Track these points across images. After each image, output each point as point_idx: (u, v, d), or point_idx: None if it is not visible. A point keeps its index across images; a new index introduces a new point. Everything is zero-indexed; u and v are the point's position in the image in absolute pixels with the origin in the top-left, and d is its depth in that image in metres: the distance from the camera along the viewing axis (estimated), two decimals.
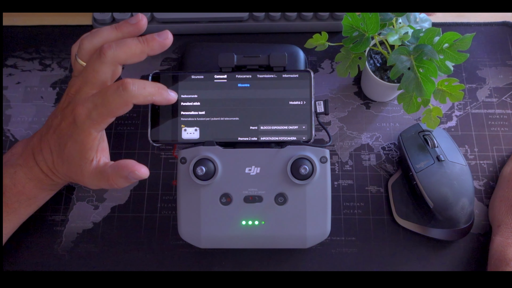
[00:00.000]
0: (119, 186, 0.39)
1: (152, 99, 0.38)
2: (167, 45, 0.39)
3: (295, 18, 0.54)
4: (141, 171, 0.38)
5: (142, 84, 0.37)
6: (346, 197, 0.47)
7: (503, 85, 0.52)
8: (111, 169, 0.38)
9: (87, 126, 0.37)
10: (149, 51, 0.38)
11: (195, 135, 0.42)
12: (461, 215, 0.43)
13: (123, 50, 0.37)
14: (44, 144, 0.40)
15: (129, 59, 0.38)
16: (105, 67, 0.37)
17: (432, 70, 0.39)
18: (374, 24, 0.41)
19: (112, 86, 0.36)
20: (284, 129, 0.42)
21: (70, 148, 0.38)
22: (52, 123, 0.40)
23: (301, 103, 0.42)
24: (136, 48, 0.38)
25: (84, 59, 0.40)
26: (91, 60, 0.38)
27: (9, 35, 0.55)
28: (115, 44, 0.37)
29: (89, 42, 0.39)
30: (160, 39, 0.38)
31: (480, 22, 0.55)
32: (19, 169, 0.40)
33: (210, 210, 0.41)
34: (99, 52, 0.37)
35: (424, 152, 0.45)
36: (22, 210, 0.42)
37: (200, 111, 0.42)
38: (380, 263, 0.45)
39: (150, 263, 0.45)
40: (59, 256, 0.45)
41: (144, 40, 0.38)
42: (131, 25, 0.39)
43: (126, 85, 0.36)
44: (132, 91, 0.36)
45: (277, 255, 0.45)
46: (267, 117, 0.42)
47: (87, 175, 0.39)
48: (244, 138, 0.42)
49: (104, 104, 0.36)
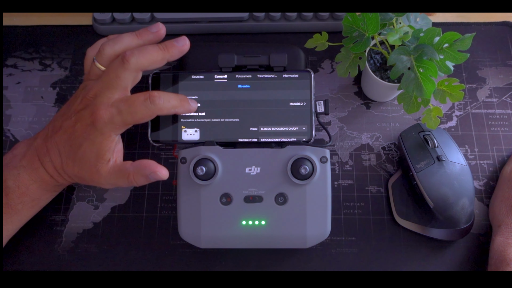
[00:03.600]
0: (138, 184, 0.40)
1: (175, 111, 0.40)
2: (185, 50, 0.41)
3: (295, 18, 0.54)
4: (162, 172, 0.39)
5: (167, 97, 0.39)
6: (346, 197, 0.47)
7: (503, 85, 0.52)
8: (133, 167, 0.39)
9: (108, 130, 0.38)
10: (169, 57, 0.40)
11: (195, 136, 0.42)
12: (461, 215, 0.43)
13: (145, 57, 0.39)
14: (51, 146, 0.40)
15: (150, 65, 0.39)
16: (128, 73, 0.39)
17: (432, 70, 0.39)
18: (374, 24, 0.41)
19: (140, 97, 0.38)
20: (284, 130, 0.42)
21: (85, 150, 0.39)
22: (62, 124, 0.40)
23: (301, 104, 0.42)
24: (157, 56, 0.39)
25: (104, 64, 0.41)
26: (114, 66, 0.39)
27: (9, 35, 0.55)
28: (137, 51, 0.39)
29: (110, 48, 0.40)
30: (179, 45, 0.40)
31: (480, 22, 0.55)
32: (23, 170, 0.40)
33: (210, 210, 0.41)
34: (121, 59, 0.38)
35: (424, 152, 0.45)
36: (25, 212, 0.42)
37: (200, 112, 0.42)
38: (380, 263, 0.45)
39: (150, 263, 0.45)
40: (59, 256, 0.45)
41: (165, 48, 0.39)
42: (152, 33, 0.41)
43: (153, 98, 0.38)
44: (158, 104, 0.38)
45: (277, 255, 0.45)
46: (267, 118, 0.42)
47: (104, 174, 0.40)
48: (244, 139, 0.42)
49: (130, 113, 0.38)
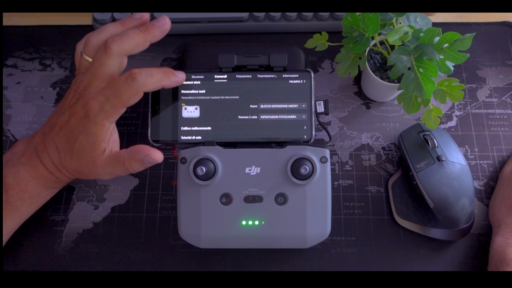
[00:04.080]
0: (134, 170, 0.40)
1: (161, 84, 0.39)
2: (166, 30, 0.40)
3: (295, 18, 0.54)
4: (156, 155, 0.39)
5: (149, 72, 0.38)
6: (346, 197, 0.47)
7: (503, 85, 0.52)
8: (127, 153, 0.40)
9: (100, 119, 0.38)
10: (151, 38, 0.40)
11: (195, 113, 0.42)
12: (461, 215, 0.43)
13: (127, 41, 0.39)
14: (48, 142, 0.40)
15: (133, 49, 0.39)
16: (112, 60, 0.39)
17: (432, 70, 0.39)
18: (374, 24, 0.41)
19: (121, 77, 0.38)
20: (284, 108, 0.42)
21: (81, 141, 0.39)
22: (57, 120, 0.40)
23: (301, 82, 0.43)
24: (138, 38, 0.39)
25: (90, 55, 0.41)
26: (98, 55, 0.39)
27: (9, 35, 0.55)
28: (118, 37, 0.39)
29: (95, 38, 0.41)
30: (159, 24, 0.40)
31: (480, 22, 0.55)
32: (22, 167, 0.41)
33: (210, 210, 0.41)
34: (104, 46, 0.39)
35: (424, 152, 0.45)
36: (24, 209, 0.42)
37: (200, 90, 0.43)
38: (380, 263, 0.45)
39: (150, 263, 0.45)
40: (59, 256, 0.45)
41: (145, 29, 0.40)
42: (135, 20, 0.41)
43: (134, 75, 0.37)
44: (140, 80, 0.38)
45: (277, 255, 0.45)
46: (267, 95, 0.42)
47: (100, 164, 0.40)
48: (244, 117, 0.42)
49: (115, 96, 0.38)
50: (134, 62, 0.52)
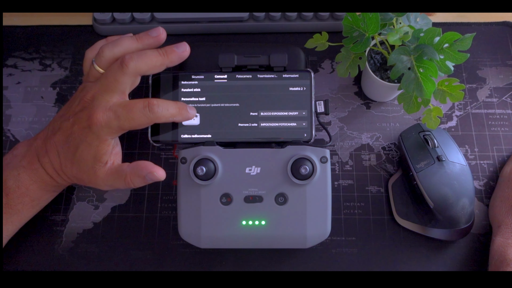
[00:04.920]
0: (135, 186, 0.40)
1: (173, 119, 0.40)
2: (185, 57, 0.40)
3: (295, 18, 0.54)
4: (159, 173, 0.39)
5: (166, 105, 0.39)
6: (346, 197, 0.47)
7: (503, 85, 0.52)
8: (130, 168, 0.39)
9: (104, 134, 0.38)
10: (168, 63, 0.40)
11: (195, 121, 0.42)
12: (462, 215, 0.43)
13: (144, 62, 0.38)
14: (50, 146, 0.40)
15: (149, 70, 0.39)
16: (127, 78, 0.38)
17: (432, 70, 0.39)
18: (374, 24, 0.41)
19: (138, 103, 0.38)
20: (284, 115, 0.42)
21: (82, 151, 0.39)
22: (61, 125, 0.40)
23: (301, 89, 0.42)
24: (156, 61, 0.39)
25: (103, 67, 0.40)
26: (112, 69, 0.39)
27: (9, 35, 0.55)
28: (136, 56, 0.38)
29: (110, 51, 0.40)
30: (178, 51, 0.40)
31: (480, 22, 0.55)
32: (23, 171, 0.40)
33: (210, 210, 0.41)
34: (121, 63, 0.38)
35: (425, 152, 0.45)
36: (25, 212, 0.42)
37: (200, 97, 0.43)
38: (380, 263, 0.45)
39: (150, 263, 0.45)
40: (59, 256, 0.45)
41: (164, 53, 0.39)
42: (152, 38, 0.40)
43: (152, 107, 0.38)
44: (157, 113, 0.38)
45: (277, 255, 0.45)
46: (267, 103, 0.42)
47: (101, 176, 0.40)
48: (244, 124, 0.42)
49: (127, 119, 0.38)
50: None
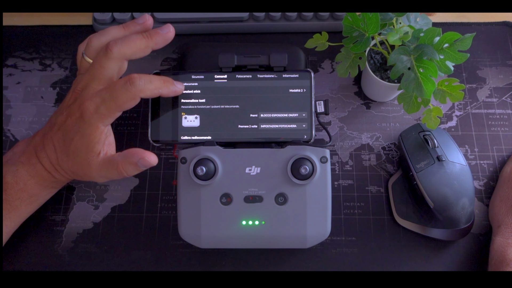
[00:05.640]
0: (128, 174, 0.40)
1: (158, 92, 0.39)
2: (170, 38, 0.40)
3: (295, 18, 0.54)
4: (151, 158, 0.39)
5: (148, 78, 0.38)
6: (346, 197, 0.47)
7: (503, 85, 0.52)
8: (121, 157, 0.39)
9: (95, 120, 0.38)
10: (153, 45, 0.40)
11: (195, 123, 0.42)
12: (461, 215, 0.43)
13: (129, 45, 0.39)
14: (47, 142, 0.40)
15: (134, 54, 0.39)
16: (112, 63, 0.39)
17: (432, 70, 0.39)
18: (374, 24, 0.41)
19: (119, 81, 0.38)
20: (284, 117, 0.42)
21: (76, 143, 0.39)
22: (56, 120, 0.40)
23: (301, 91, 0.42)
24: (140, 43, 0.39)
25: (91, 57, 0.41)
26: (98, 56, 0.39)
27: (9, 35, 0.55)
28: (120, 40, 0.39)
29: (97, 40, 0.41)
30: (162, 32, 0.40)
31: (480, 22, 0.55)
32: (21, 166, 0.41)
33: (210, 210, 0.41)
34: (105, 49, 0.39)
35: (424, 152, 0.45)
36: (23, 208, 0.42)
37: (200, 99, 0.43)
38: (380, 263, 0.45)
39: (150, 263, 0.45)
40: (59, 256, 0.45)
41: (148, 35, 0.39)
42: (138, 24, 0.41)
43: (133, 80, 0.37)
44: (139, 85, 0.37)
45: (277, 255, 0.45)
46: (267, 105, 0.42)
47: (94, 167, 0.40)
48: (244, 126, 0.42)
49: (112, 99, 0.37)
50: (134, 61, 0.52)
